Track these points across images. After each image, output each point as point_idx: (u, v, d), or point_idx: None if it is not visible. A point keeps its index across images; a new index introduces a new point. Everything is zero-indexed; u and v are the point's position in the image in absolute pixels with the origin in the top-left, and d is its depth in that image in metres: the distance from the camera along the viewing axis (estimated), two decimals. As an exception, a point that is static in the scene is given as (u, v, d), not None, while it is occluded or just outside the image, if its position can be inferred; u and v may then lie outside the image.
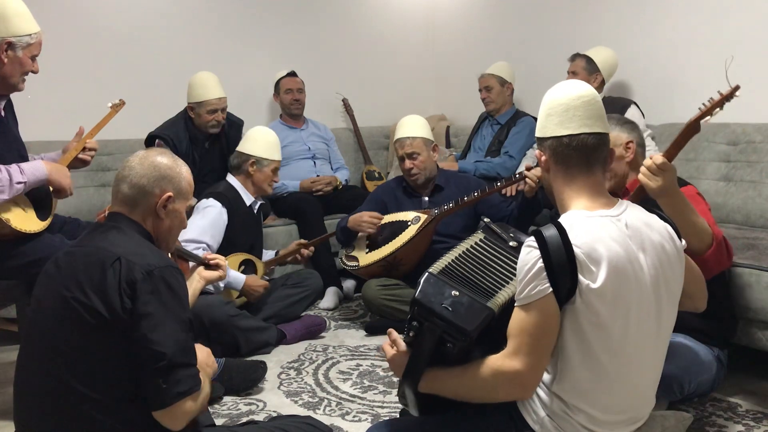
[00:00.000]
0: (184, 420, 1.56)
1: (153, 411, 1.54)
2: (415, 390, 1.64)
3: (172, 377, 1.52)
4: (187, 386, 1.54)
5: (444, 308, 1.57)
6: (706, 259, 2.07)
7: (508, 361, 1.51)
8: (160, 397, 1.52)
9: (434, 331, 1.58)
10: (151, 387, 1.53)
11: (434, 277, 1.64)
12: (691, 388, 2.21)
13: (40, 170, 2.47)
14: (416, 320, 1.62)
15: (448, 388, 1.61)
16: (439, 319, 1.57)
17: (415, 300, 1.60)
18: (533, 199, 3.10)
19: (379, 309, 3.36)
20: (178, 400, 1.53)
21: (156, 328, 1.53)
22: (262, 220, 3.62)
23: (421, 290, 1.61)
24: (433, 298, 1.59)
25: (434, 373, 1.62)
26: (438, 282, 1.63)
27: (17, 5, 2.45)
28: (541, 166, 1.71)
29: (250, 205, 3.42)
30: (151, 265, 1.57)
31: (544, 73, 4.29)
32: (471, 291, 1.62)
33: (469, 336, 1.54)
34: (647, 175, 2.00)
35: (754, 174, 3.33)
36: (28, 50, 2.46)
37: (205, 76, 3.80)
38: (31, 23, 2.47)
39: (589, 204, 1.61)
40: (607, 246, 1.51)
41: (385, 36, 5.34)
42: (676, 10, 3.83)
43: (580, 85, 1.68)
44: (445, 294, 1.60)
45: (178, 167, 1.78)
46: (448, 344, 1.58)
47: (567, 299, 1.49)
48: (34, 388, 1.61)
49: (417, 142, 3.44)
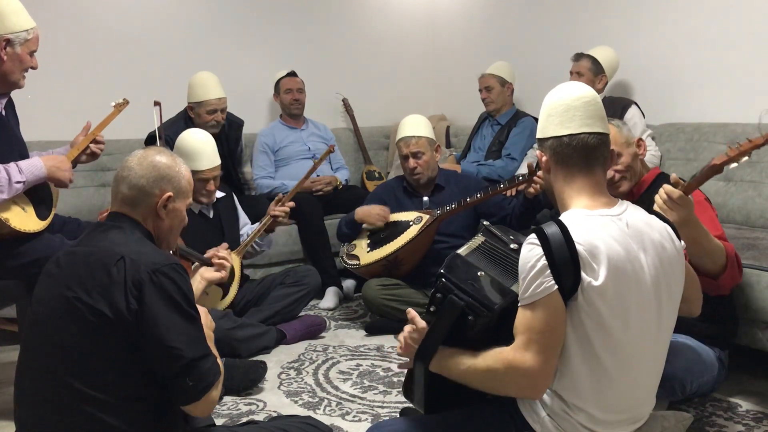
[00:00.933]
0: (213, 406, 1.65)
1: (182, 405, 1.59)
2: (426, 367, 1.64)
3: (196, 373, 1.56)
4: (211, 378, 1.59)
5: (469, 283, 1.60)
6: (721, 283, 2.11)
7: (519, 356, 1.51)
8: (190, 394, 1.57)
9: (456, 304, 1.59)
10: (178, 386, 1.56)
11: (461, 257, 1.69)
12: (692, 388, 2.21)
13: (39, 168, 2.47)
14: (440, 292, 1.63)
15: (459, 371, 1.61)
16: (464, 293, 1.59)
17: (441, 273, 1.63)
18: (534, 198, 3.11)
19: (379, 309, 3.36)
20: (206, 392, 1.58)
21: (169, 329, 1.54)
22: (227, 215, 3.37)
23: (448, 263, 1.66)
24: (459, 273, 1.63)
25: (448, 351, 1.62)
26: (465, 262, 1.67)
27: (11, 1, 2.45)
28: (542, 167, 1.71)
29: (200, 213, 3.25)
30: (156, 264, 1.57)
31: (544, 73, 4.30)
32: (495, 274, 1.65)
33: (493, 311, 1.56)
34: (662, 207, 1.98)
35: (754, 174, 3.33)
36: (26, 46, 2.47)
37: (205, 76, 3.80)
38: (27, 19, 2.47)
39: (589, 203, 1.61)
40: (607, 245, 1.51)
41: (385, 36, 5.34)
42: (676, 10, 3.83)
43: (580, 86, 1.70)
44: (471, 271, 1.64)
45: (177, 166, 1.78)
46: (470, 317, 1.58)
47: (569, 296, 1.49)
48: (34, 388, 1.61)
49: (422, 142, 3.45)
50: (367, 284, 3.41)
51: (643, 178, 2.40)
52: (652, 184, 2.38)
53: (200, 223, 3.24)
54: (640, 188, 2.39)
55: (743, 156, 1.94)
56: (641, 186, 2.39)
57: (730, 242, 2.19)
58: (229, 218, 3.41)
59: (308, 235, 3.94)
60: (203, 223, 3.27)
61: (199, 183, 3.11)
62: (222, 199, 3.39)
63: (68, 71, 4.07)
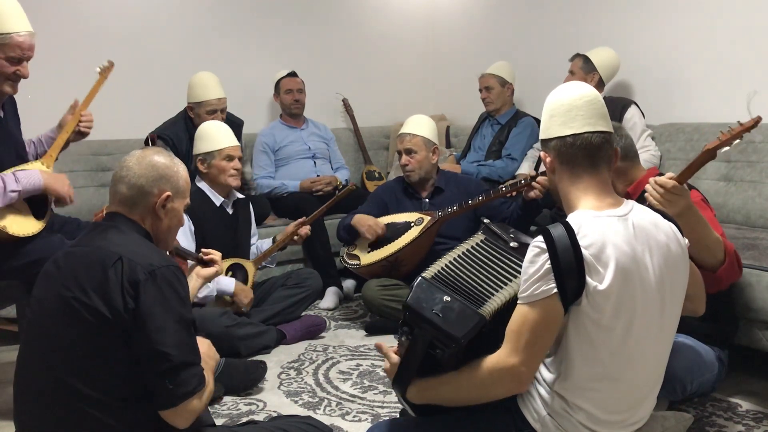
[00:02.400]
0: (191, 418, 1.58)
1: (160, 411, 1.55)
2: (403, 395, 1.64)
3: (177, 378, 1.53)
4: (193, 385, 1.55)
5: (434, 314, 1.57)
6: (719, 276, 2.08)
7: (504, 357, 1.51)
8: (168, 398, 1.54)
9: (425, 337, 1.58)
10: (158, 388, 1.54)
11: (426, 281, 1.65)
12: (693, 388, 2.21)
13: (36, 180, 2.45)
14: (407, 325, 1.62)
15: (441, 396, 1.62)
16: (429, 325, 1.57)
17: (406, 305, 1.61)
18: (533, 201, 3.11)
19: (379, 309, 3.36)
20: (185, 399, 1.54)
21: (159, 329, 1.53)
22: (244, 218, 3.44)
23: (413, 295, 1.62)
24: (424, 304, 1.59)
25: (425, 383, 1.62)
26: (430, 287, 1.63)
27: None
28: (546, 168, 1.71)
29: (221, 206, 3.29)
30: (153, 265, 1.57)
31: (544, 73, 4.30)
32: (463, 297, 1.61)
33: (459, 342, 1.54)
34: (658, 199, 1.95)
35: (754, 174, 3.33)
36: (1, 51, 2.32)
37: (205, 77, 3.80)
38: (11, 23, 2.32)
39: (596, 203, 1.60)
40: (614, 247, 1.51)
41: (385, 36, 5.34)
42: (676, 10, 3.83)
43: (581, 85, 1.69)
44: (436, 299, 1.60)
45: (175, 166, 1.77)
46: (438, 350, 1.58)
47: (573, 300, 1.49)
48: (34, 388, 1.61)
49: (416, 140, 3.45)
50: (367, 284, 3.41)
51: (640, 179, 2.37)
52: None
53: (218, 216, 3.27)
54: (637, 189, 2.36)
55: (735, 139, 1.93)
56: (639, 186, 2.37)
57: (730, 242, 2.18)
58: (244, 221, 3.44)
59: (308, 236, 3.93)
60: (221, 216, 3.28)
61: (224, 162, 3.21)
62: (242, 201, 3.42)
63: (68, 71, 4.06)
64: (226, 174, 3.23)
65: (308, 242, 3.98)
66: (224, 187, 3.28)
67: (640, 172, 2.41)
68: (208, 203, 3.24)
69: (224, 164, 3.22)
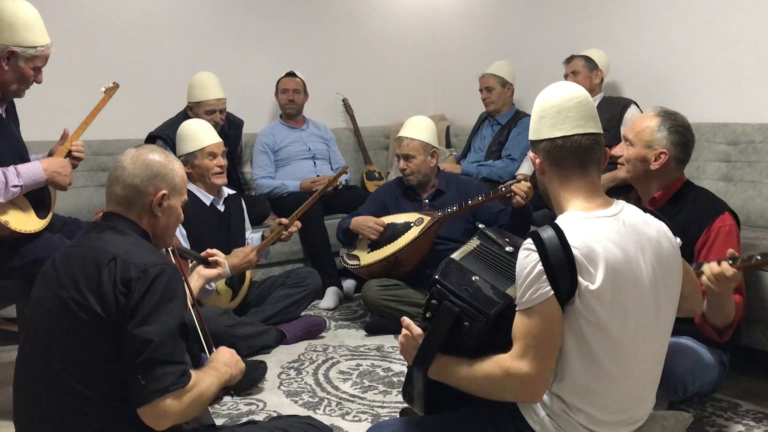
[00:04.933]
0: (165, 419, 1.51)
1: (136, 408, 1.51)
2: (425, 374, 1.64)
3: (151, 373, 1.49)
4: (167, 383, 1.49)
5: (464, 288, 1.60)
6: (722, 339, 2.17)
7: (516, 363, 1.51)
8: (138, 394, 1.50)
9: (452, 311, 1.59)
10: (132, 383, 1.51)
11: (455, 262, 1.69)
12: (693, 389, 2.21)
13: (38, 173, 2.46)
14: (435, 299, 1.63)
15: (457, 378, 1.61)
16: (459, 299, 1.59)
17: (436, 279, 1.63)
18: (522, 208, 3.11)
19: (379, 309, 3.36)
20: (156, 397, 1.48)
21: (142, 324, 1.51)
22: (236, 214, 3.38)
23: (443, 270, 1.65)
24: (454, 279, 1.63)
25: (446, 359, 1.62)
26: (459, 266, 1.67)
27: (29, 15, 2.42)
28: (536, 169, 1.71)
29: (212, 204, 3.24)
30: (146, 264, 1.57)
31: (544, 73, 4.29)
32: (490, 278, 1.65)
33: (488, 316, 1.56)
34: (714, 283, 1.95)
35: (754, 174, 3.33)
36: (32, 62, 2.45)
37: (205, 77, 3.79)
38: (40, 35, 2.45)
39: (585, 205, 1.60)
40: (604, 247, 1.51)
41: (385, 36, 5.34)
42: (675, 10, 3.83)
43: (571, 86, 1.68)
44: (465, 277, 1.63)
45: (170, 164, 1.76)
46: (465, 323, 1.58)
47: (566, 301, 1.49)
48: (33, 388, 1.61)
49: (414, 144, 3.43)
50: (366, 285, 3.40)
51: (672, 184, 2.31)
52: (680, 190, 2.33)
53: (210, 215, 3.24)
54: (664, 196, 2.31)
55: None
56: (667, 192, 2.31)
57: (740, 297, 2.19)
58: (237, 217, 3.40)
59: (308, 235, 3.93)
60: (213, 215, 3.26)
61: (207, 159, 3.16)
62: (232, 197, 3.39)
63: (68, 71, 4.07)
64: (210, 173, 3.18)
65: (308, 242, 3.99)
66: (210, 186, 3.23)
67: (677, 180, 2.35)
68: (198, 203, 3.19)
69: (207, 163, 3.16)
